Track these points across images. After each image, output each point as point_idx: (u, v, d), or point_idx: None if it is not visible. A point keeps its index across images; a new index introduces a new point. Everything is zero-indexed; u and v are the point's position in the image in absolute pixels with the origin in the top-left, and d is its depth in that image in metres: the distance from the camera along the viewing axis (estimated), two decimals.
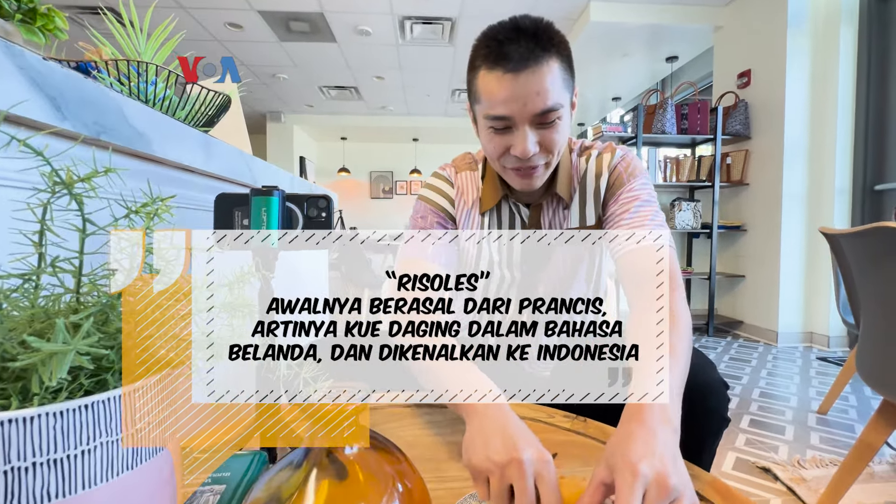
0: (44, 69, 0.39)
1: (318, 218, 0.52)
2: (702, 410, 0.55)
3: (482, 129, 0.64)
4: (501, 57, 0.56)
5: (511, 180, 0.66)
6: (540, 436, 0.58)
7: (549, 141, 0.60)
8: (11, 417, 0.22)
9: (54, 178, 0.23)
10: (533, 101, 0.56)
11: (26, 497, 0.22)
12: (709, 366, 0.58)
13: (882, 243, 0.85)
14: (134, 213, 0.28)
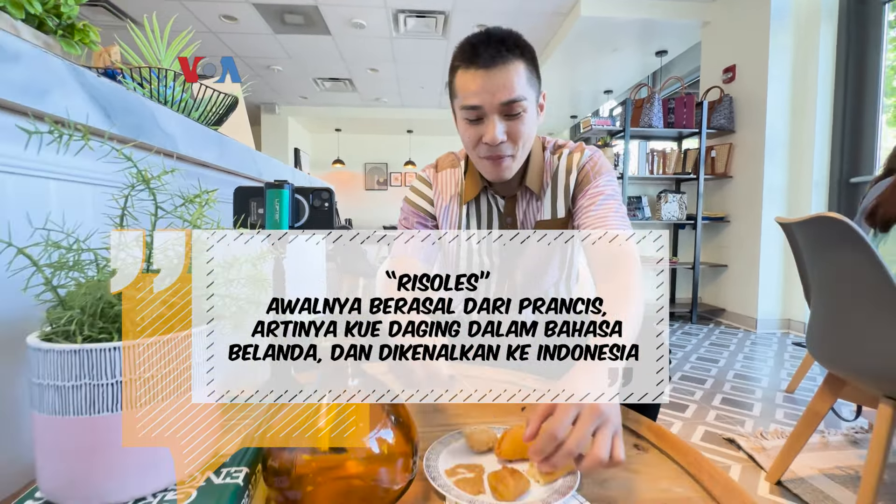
0: (97, 83, 0.47)
1: (321, 207, 0.61)
2: None
3: (459, 121, 0.73)
4: (475, 56, 0.66)
5: (485, 170, 0.75)
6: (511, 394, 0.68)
7: (515, 131, 0.69)
8: (116, 346, 0.31)
9: (140, 177, 0.32)
10: (500, 93, 0.66)
11: (127, 402, 0.31)
12: None
13: (825, 231, 0.95)
14: (189, 202, 0.36)
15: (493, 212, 0.83)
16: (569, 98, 5.78)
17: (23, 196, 0.42)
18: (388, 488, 0.40)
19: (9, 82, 0.37)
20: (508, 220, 0.83)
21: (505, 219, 0.83)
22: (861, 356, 0.95)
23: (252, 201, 0.59)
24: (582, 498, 0.42)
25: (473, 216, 0.84)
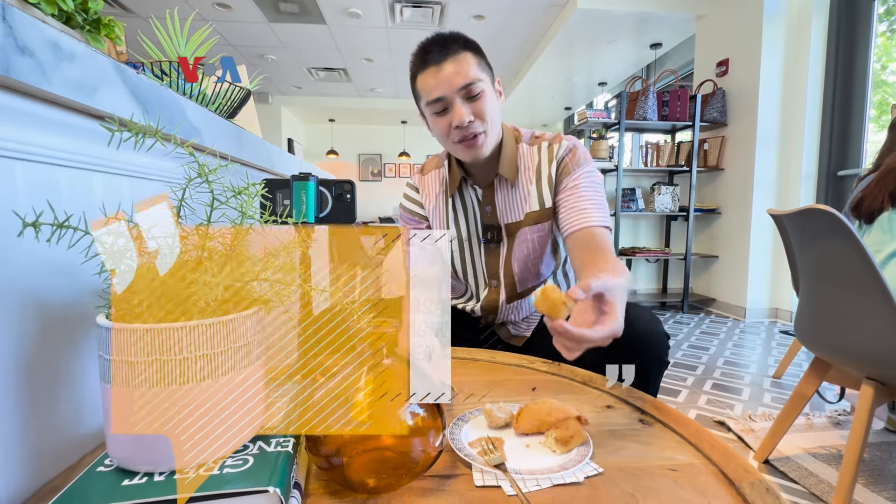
0: (137, 80, 0.50)
1: (343, 199, 0.64)
2: (648, 354, 0.69)
3: (430, 118, 0.79)
4: (427, 57, 0.75)
5: (462, 154, 0.79)
6: (522, 377, 0.72)
7: (479, 110, 0.75)
8: (181, 326, 0.34)
9: (201, 171, 0.35)
10: (456, 79, 0.73)
11: (192, 376, 0.34)
12: (654, 320, 0.72)
13: (814, 222, 1.00)
14: (238, 193, 0.39)
15: (473, 201, 0.88)
16: (563, 90, 5.80)
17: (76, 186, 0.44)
18: (419, 458, 0.43)
19: (67, 80, 0.39)
20: (488, 209, 0.86)
21: (484, 207, 0.87)
22: (845, 340, 1.00)
23: (278, 192, 0.62)
24: (595, 464, 0.46)
25: (459, 208, 0.89)
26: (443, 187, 0.90)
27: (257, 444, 0.40)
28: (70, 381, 0.45)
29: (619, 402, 0.62)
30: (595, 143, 3.40)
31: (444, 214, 0.89)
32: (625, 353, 0.70)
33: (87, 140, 0.45)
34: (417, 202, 0.93)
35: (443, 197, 0.90)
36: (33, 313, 0.40)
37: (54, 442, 0.44)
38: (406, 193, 0.95)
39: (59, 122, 0.41)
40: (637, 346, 0.69)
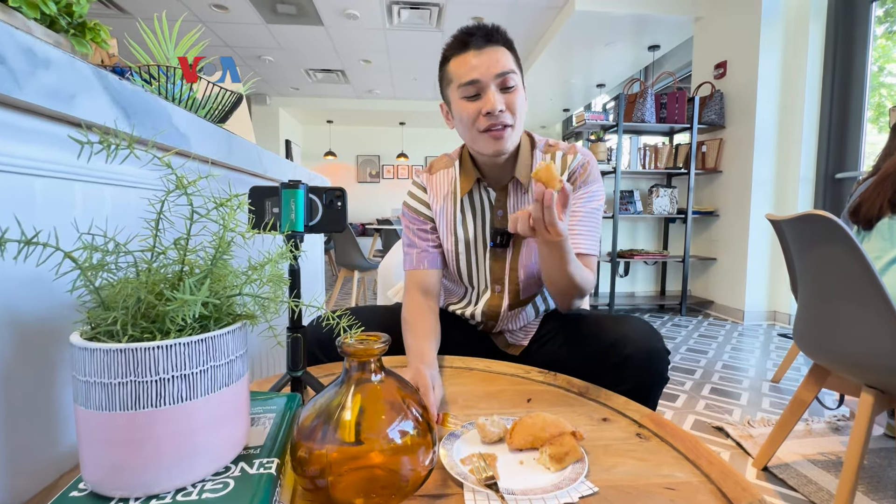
0: (119, 86, 0.48)
1: (333, 206, 0.63)
2: (647, 369, 0.68)
3: (456, 103, 0.77)
4: (468, 40, 0.74)
5: (485, 144, 0.77)
6: (517, 387, 0.71)
7: (511, 103, 0.75)
8: (158, 345, 0.32)
9: (179, 182, 0.33)
10: (495, 66, 0.73)
11: (169, 398, 0.33)
12: (655, 336, 0.71)
13: (813, 228, 0.99)
14: (220, 205, 0.38)
15: (484, 204, 0.86)
16: (561, 91, 5.79)
17: (55, 197, 0.43)
18: (409, 477, 0.42)
19: (41, 88, 0.38)
20: (500, 213, 0.85)
21: (496, 211, 0.85)
22: (844, 347, 0.99)
23: (267, 200, 0.60)
24: (590, 483, 0.45)
25: (468, 210, 0.87)
26: (451, 188, 0.88)
27: (239, 465, 0.38)
28: (48, 398, 0.43)
29: (616, 415, 0.61)
30: (593, 145, 3.39)
31: (451, 216, 0.87)
32: (624, 367, 0.69)
33: (66, 149, 0.44)
34: (424, 202, 0.90)
35: (451, 198, 0.87)
36: (7, 328, 0.39)
37: (31, 460, 0.42)
38: (412, 192, 0.92)
39: (35, 130, 0.40)
40: (637, 362, 0.68)
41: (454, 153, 0.91)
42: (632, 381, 0.68)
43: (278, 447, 0.42)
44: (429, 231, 0.89)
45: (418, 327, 0.76)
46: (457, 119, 0.79)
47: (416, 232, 0.89)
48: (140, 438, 0.33)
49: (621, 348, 0.69)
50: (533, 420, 0.52)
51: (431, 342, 0.74)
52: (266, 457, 0.40)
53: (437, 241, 0.89)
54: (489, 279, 0.88)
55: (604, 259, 3.42)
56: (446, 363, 0.81)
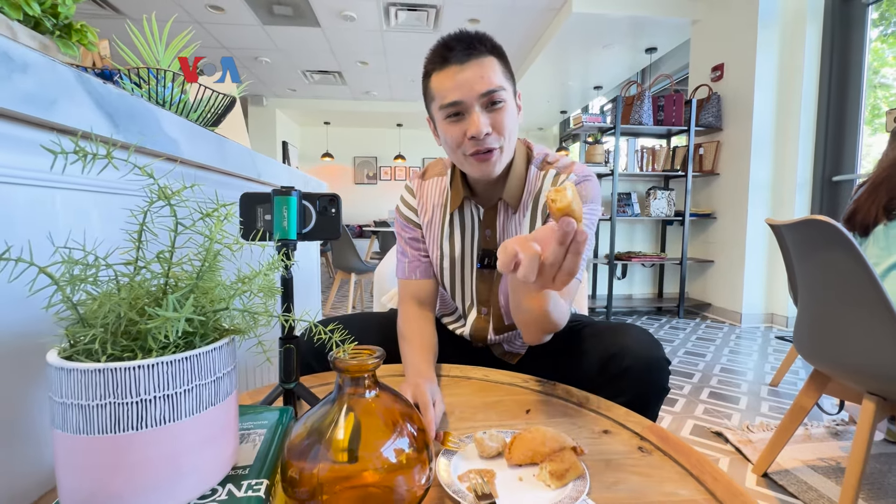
0: (103, 90, 0.46)
1: (327, 213, 0.61)
2: (647, 380, 0.67)
3: (440, 123, 0.71)
4: (448, 54, 0.66)
5: (471, 168, 0.71)
6: (515, 397, 0.69)
7: (498, 122, 0.67)
8: (140, 364, 0.31)
9: (162, 193, 0.32)
10: (479, 84, 0.65)
11: (151, 420, 0.31)
12: (656, 345, 0.69)
13: (813, 233, 0.98)
14: (207, 216, 0.36)
15: (474, 221, 0.81)
16: (559, 93, 5.79)
17: (35, 207, 0.41)
18: (405, 496, 0.40)
19: (18, 93, 0.36)
20: (487, 233, 0.80)
21: (484, 230, 0.80)
22: (846, 354, 0.98)
23: (258, 207, 0.58)
24: (591, 502, 0.43)
25: (457, 225, 0.82)
26: (442, 198, 0.82)
27: (226, 487, 0.36)
28: (27, 416, 0.42)
29: (617, 427, 0.59)
30: (591, 147, 3.39)
31: (439, 230, 0.83)
32: (624, 378, 0.67)
33: (47, 155, 0.42)
34: (413, 209, 0.85)
35: (441, 210, 0.82)
36: None
37: (9, 481, 0.40)
38: (403, 197, 0.87)
39: (12, 137, 0.38)
40: (637, 372, 0.66)
41: (448, 160, 0.86)
42: (632, 392, 0.67)
43: (268, 467, 0.40)
44: (419, 240, 0.85)
45: (415, 339, 0.75)
46: (442, 139, 0.74)
47: (407, 241, 0.86)
48: (120, 463, 0.31)
49: (621, 359, 0.67)
50: (532, 434, 0.51)
51: (429, 354, 0.73)
52: (255, 477, 0.38)
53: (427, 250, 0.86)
54: (475, 300, 0.84)
55: (601, 261, 3.41)
56: (443, 372, 0.79)
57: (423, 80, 0.73)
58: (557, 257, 0.45)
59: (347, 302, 3.37)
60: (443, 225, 0.83)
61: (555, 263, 0.45)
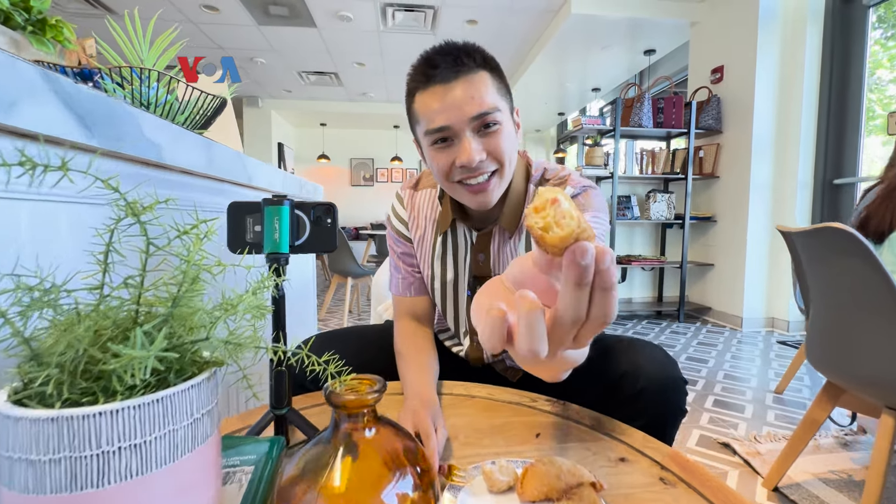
0: (73, 91, 0.42)
1: (322, 224, 0.57)
2: (663, 402, 0.62)
3: (427, 150, 0.63)
4: (433, 71, 0.58)
5: (464, 199, 0.63)
6: (523, 418, 0.65)
7: (494, 147, 0.59)
8: (102, 410, 0.26)
9: (130, 209, 0.27)
10: (469, 105, 0.57)
11: (115, 475, 0.27)
12: (672, 364, 0.65)
13: (828, 242, 0.95)
14: (184, 234, 0.32)
15: (467, 245, 0.73)
16: (556, 95, 5.77)
17: None
18: None
19: None
20: (481, 258, 0.72)
21: (477, 255, 0.72)
22: (863, 366, 0.94)
23: (248, 217, 0.54)
24: None
25: (450, 245, 0.74)
26: (434, 214, 0.76)
27: None
28: None
29: (635, 453, 0.55)
30: (590, 150, 3.36)
31: (430, 248, 0.76)
32: (640, 400, 0.63)
33: None
34: (403, 221, 0.79)
35: (432, 227, 0.76)
36: None
37: None
38: (394, 207, 0.80)
39: None
40: (653, 394, 0.62)
41: None
42: (648, 415, 0.62)
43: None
44: (412, 255, 0.80)
45: (413, 358, 0.70)
46: (429, 166, 0.65)
47: (399, 255, 0.80)
48: None
49: (635, 380, 0.63)
50: (547, 467, 0.46)
51: (429, 374, 0.68)
52: None
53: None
54: (468, 327, 0.78)
55: None
56: (445, 390, 0.75)
57: (405, 98, 0.64)
58: (580, 306, 0.26)
59: (343, 306, 3.32)
60: (434, 244, 0.76)
61: (577, 318, 0.26)
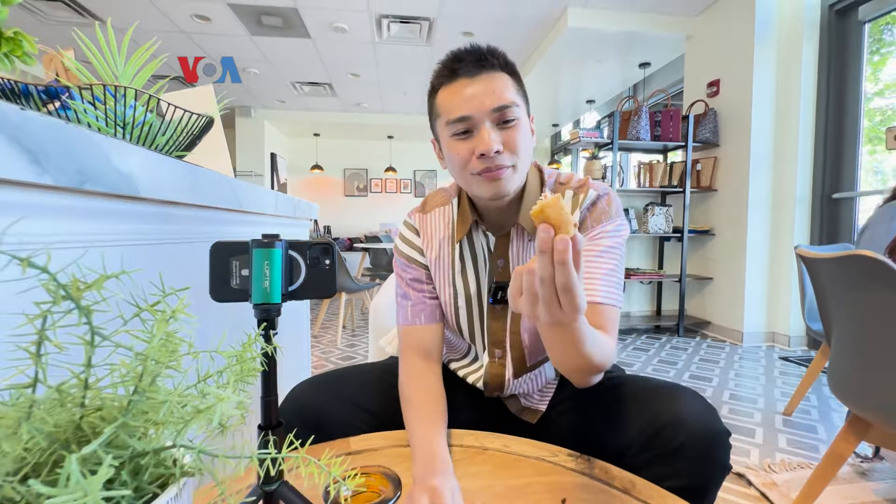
0: (20, 120, 0.35)
1: (320, 266, 0.50)
2: (707, 459, 0.55)
3: (446, 142, 0.65)
4: (457, 67, 0.62)
5: (481, 188, 0.65)
6: (545, 478, 0.58)
7: (511, 140, 0.62)
8: None
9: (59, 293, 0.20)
10: (489, 98, 0.61)
11: None
12: (714, 415, 0.58)
13: (856, 270, 0.89)
14: (145, 310, 0.25)
15: (484, 252, 0.73)
16: (551, 107, 5.77)
17: None
18: None
19: None
20: (500, 263, 0.71)
21: (496, 260, 0.72)
22: (894, 400, 0.89)
23: (234, 260, 0.47)
24: None
25: (468, 257, 0.74)
26: (448, 230, 0.75)
27: None
28: None
29: None
30: (588, 162, 3.33)
31: (448, 266, 0.74)
32: (679, 458, 0.56)
33: None
34: (417, 248, 0.77)
35: (448, 244, 0.74)
36: None
37: None
38: (403, 235, 0.79)
39: None
40: (694, 450, 0.55)
41: (451, 188, 0.78)
42: (688, 474, 0.56)
43: None
44: (424, 281, 0.76)
45: (425, 410, 0.63)
46: (447, 159, 0.67)
47: (409, 282, 0.76)
48: None
49: (673, 433, 0.56)
50: None
51: (442, 431, 0.61)
52: None
53: (434, 291, 0.76)
54: (487, 342, 0.75)
55: None
56: (454, 440, 0.67)
57: (428, 97, 0.68)
58: (546, 272, 0.41)
59: (337, 321, 3.23)
60: (453, 260, 0.74)
61: (545, 280, 0.41)
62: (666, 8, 3.38)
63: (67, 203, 0.41)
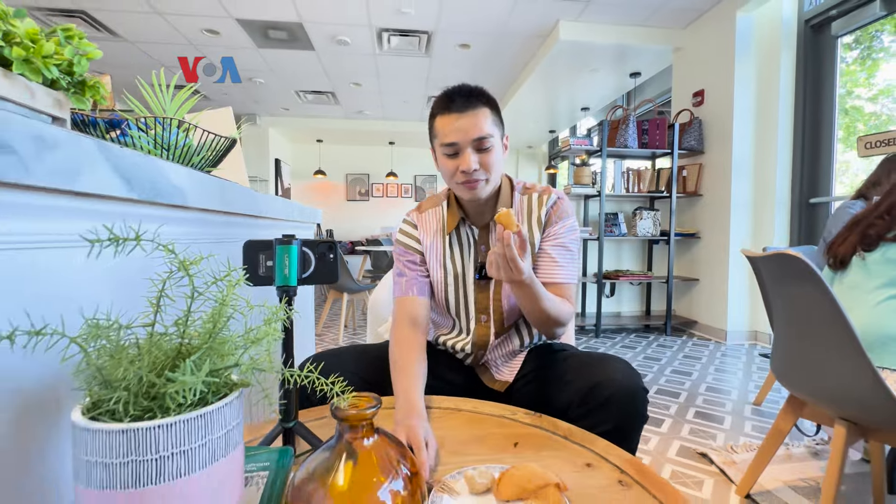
0: (119, 155, 0.50)
1: (326, 259, 0.65)
2: (629, 408, 0.71)
3: (439, 157, 0.87)
4: (451, 104, 0.82)
5: (462, 193, 0.87)
6: (504, 430, 0.73)
7: (486, 162, 0.83)
8: (159, 424, 0.34)
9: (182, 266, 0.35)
10: (472, 130, 0.81)
11: (168, 474, 0.34)
12: (636, 375, 0.74)
13: (785, 267, 1.04)
14: (218, 281, 0.40)
15: (470, 240, 0.94)
16: (547, 114, 5.94)
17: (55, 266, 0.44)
18: None
19: (49, 169, 0.40)
20: (483, 248, 0.92)
21: (479, 246, 0.93)
22: (817, 382, 1.03)
23: (261, 254, 0.62)
24: None
25: (456, 244, 0.94)
26: (439, 225, 0.95)
27: None
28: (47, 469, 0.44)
29: (599, 460, 0.63)
30: (578, 169, 3.48)
31: (440, 251, 0.94)
32: (607, 408, 0.71)
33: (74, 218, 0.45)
34: (415, 237, 0.97)
35: (440, 235, 0.94)
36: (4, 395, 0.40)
37: None
38: (403, 229, 0.99)
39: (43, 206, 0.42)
40: (618, 402, 0.70)
41: (442, 194, 0.99)
42: (614, 421, 0.71)
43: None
44: (418, 263, 0.95)
45: (407, 368, 0.78)
46: (440, 168, 0.89)
47: (406, 263, 0.95)
48: None
49: (603, 389, 0.71)
50: (520, 472, 0.54)
51: (420, 385, 0.76)
52: None
53: (426, 271, 0.96)
54: (475, 309, 0.94)
55: (590, 280, 3.48)
56: (434, 404, 0.82)
57: (429, 119, 0.89)
58: (500, 251, 0.70)
59: (339, 321, 3.38)
60: (443, 247, 0.94)
61: (500, 255, 0.70)
62: (654, 21, 3.55)
63: (146, 212, 0.57)
